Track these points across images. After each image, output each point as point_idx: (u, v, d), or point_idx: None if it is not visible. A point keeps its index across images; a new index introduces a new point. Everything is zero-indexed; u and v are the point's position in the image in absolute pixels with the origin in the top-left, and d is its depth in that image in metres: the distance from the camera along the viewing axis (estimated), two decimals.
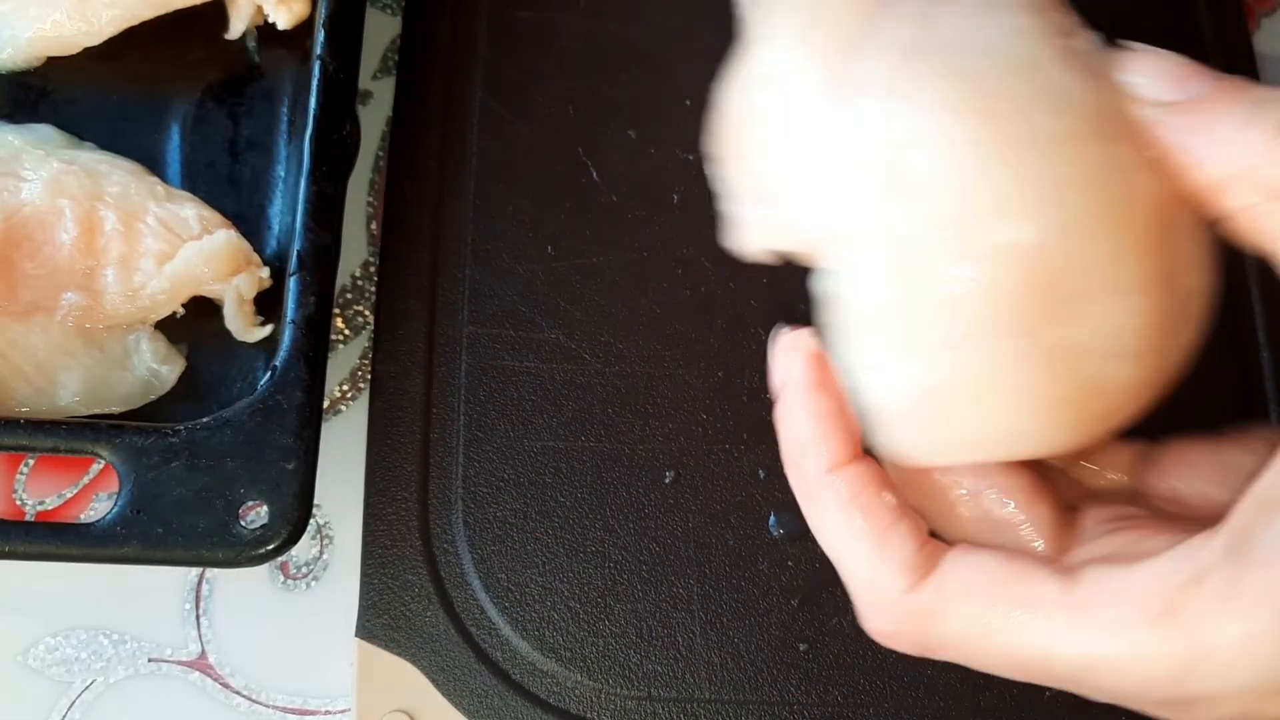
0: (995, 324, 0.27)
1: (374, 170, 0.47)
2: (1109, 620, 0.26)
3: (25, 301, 0.40)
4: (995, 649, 0.28)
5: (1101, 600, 0.26)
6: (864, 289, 0.28)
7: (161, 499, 0.36)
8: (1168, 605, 0.26)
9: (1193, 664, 0.25)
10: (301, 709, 0.41)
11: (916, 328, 0.28)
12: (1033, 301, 0.27)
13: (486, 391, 0.42)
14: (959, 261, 0.27)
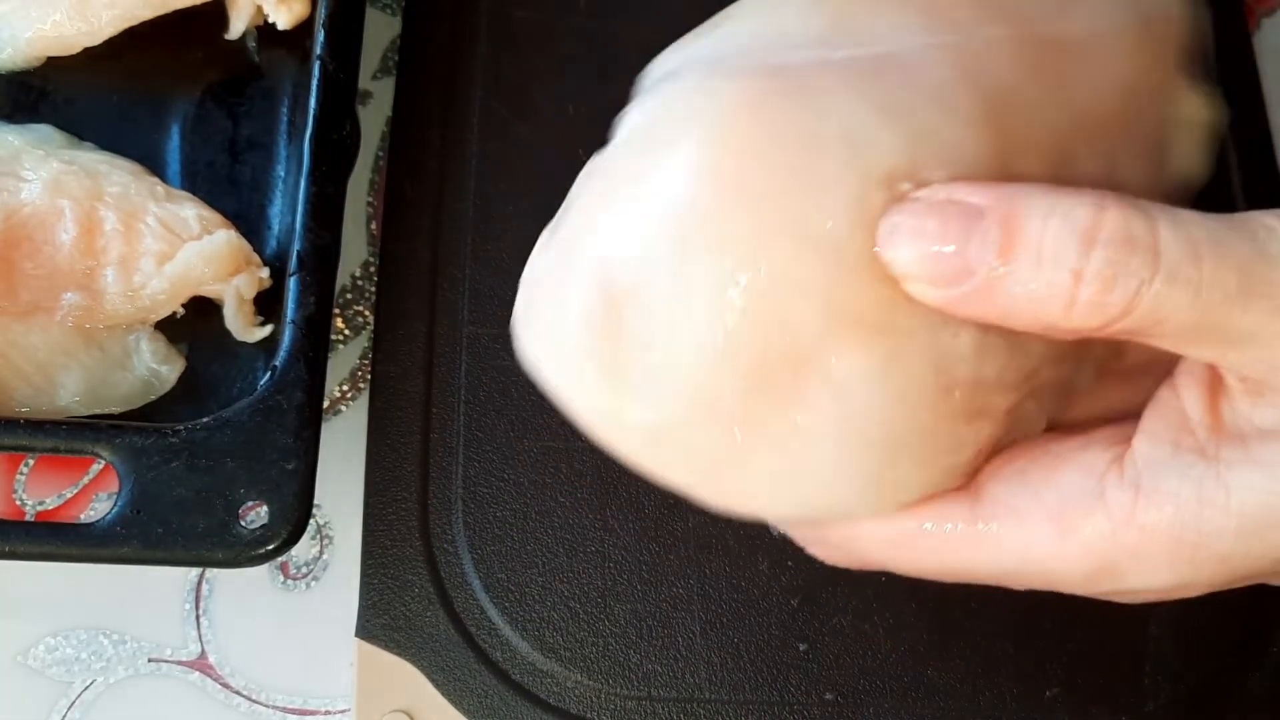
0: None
1: (374, 170, 0.47)
2: (1014, 536, 0.28)
3: (25, 302, 0.40)
4: (916, 569, 0.30)
5: (1008, 517, 0.28)
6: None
7: (161, 499, 0.36)
8: (1071, 520, 0.28)
9: (1096, 573, 0.28)
10: (301, 709, 0.41)
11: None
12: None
13: (486, 391, 0.42)
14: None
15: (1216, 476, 0.27)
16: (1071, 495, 0.28)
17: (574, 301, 0.30)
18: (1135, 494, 0.27)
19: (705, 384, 0.28)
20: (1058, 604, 0.41)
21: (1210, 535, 0.26)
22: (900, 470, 0.29)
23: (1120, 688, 0.41)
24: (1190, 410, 0.28)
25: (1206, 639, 0.41)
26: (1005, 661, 0.41)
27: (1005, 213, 0.25)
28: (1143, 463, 0.27)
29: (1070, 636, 0.41)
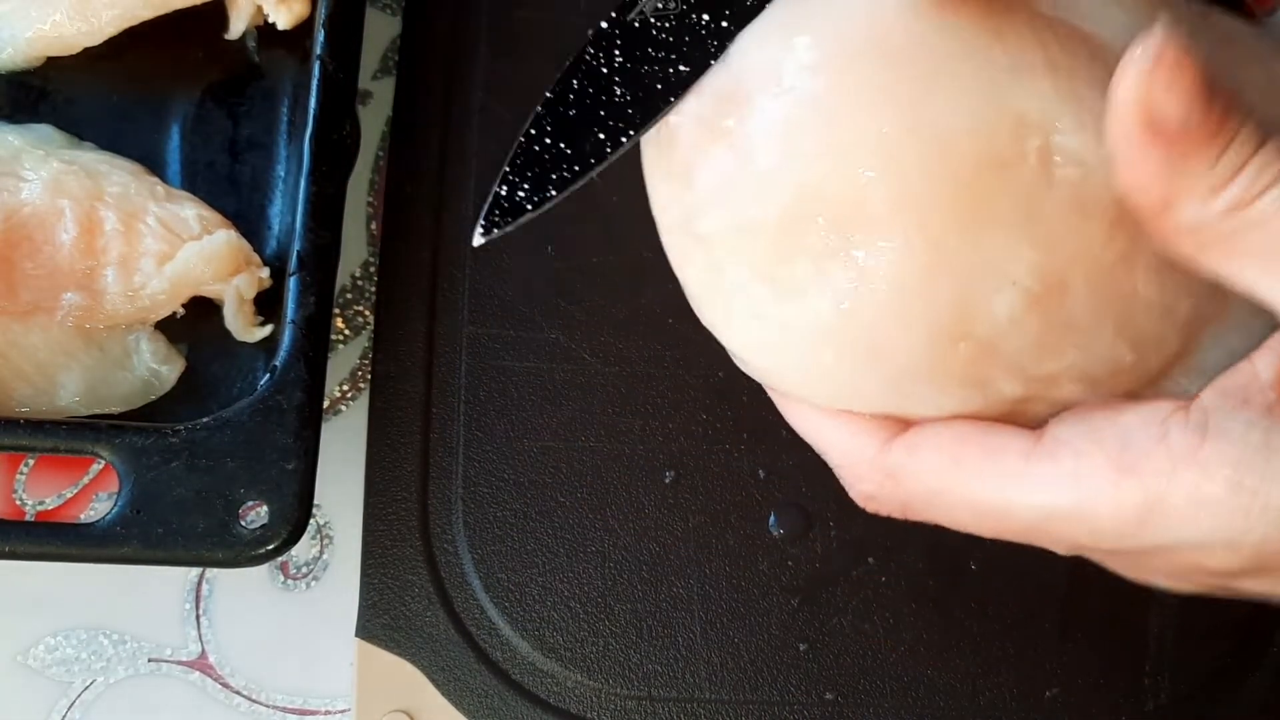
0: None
1: (374, 170, 0.47)
2: (1071, 470, 0.28)
3: (25, 302, 0.40)
4: (960, 501, 0.29)
5: (1065, 452, 0.28)
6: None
7: (161, 499, 0.36)
8: (1131, 459, 0.27)
9: (1148, 514, 0.27)
10: (301, 709, 0.41)
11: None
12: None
13: (486, 391, 0.42)
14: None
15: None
16: (1133, 437, 0.28)
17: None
18: (1201, 436, 0.27)
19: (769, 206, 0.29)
20: (1058, 604, 0.41)
21: (1272, 480, 0.26)
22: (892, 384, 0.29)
23: (1120, 688, 0.41)
24: (1263, 372, 0.27)
25: (1206, 639, 0.41)
26: (1005, 661, 0.41)
27: (1225, 104, 0.26)
28: (1210, 409, 0.27)
29: (1070, 636, 0.41)
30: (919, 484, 0.30)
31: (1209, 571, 0.28)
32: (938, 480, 0.29)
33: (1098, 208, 0.29)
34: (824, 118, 0.29)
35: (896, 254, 0.28)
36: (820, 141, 0.29)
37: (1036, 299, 0.29)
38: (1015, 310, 0.29)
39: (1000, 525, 0.29)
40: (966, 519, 0.30)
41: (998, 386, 0.29)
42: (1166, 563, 0.29)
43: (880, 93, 0.28)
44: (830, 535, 0.42)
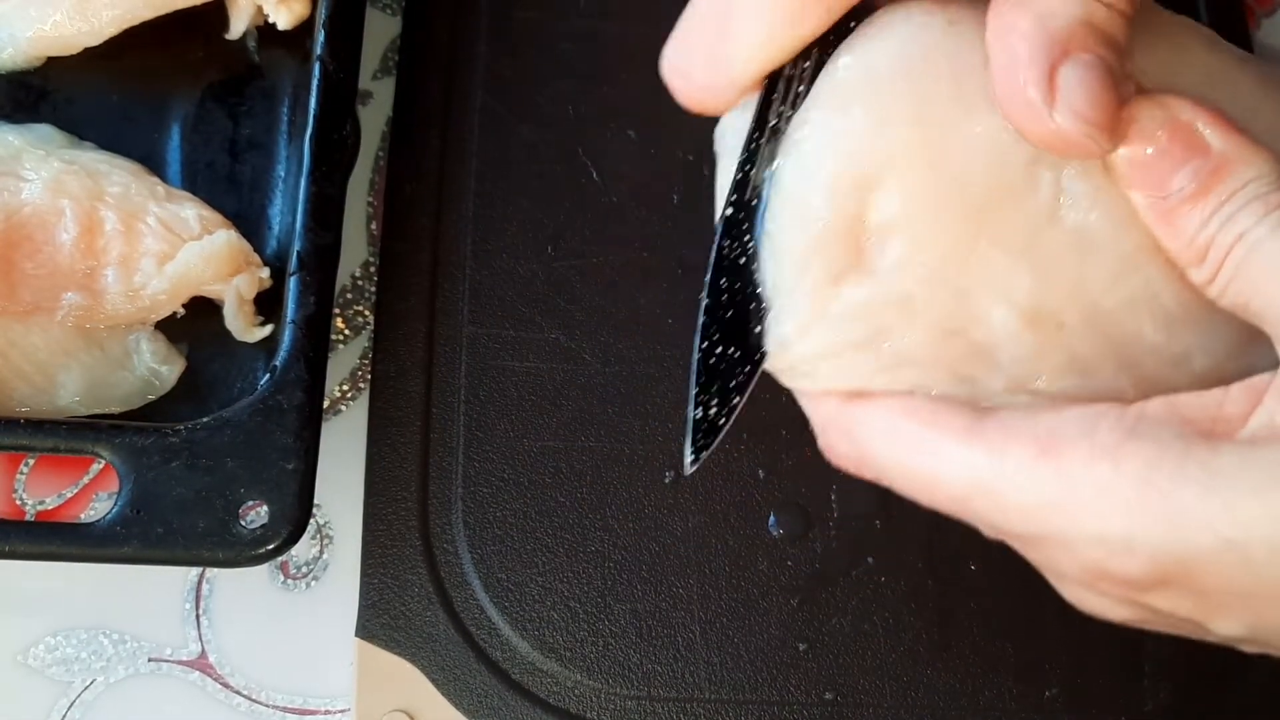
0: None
1: (374, 170, 0.47)
2: (996, 448, 0.28)
3: (26, 302, 0.40)
4: (898, 467, 0.30)
5: (1000, 433, 0.28)
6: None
7: (161, 499, 0.36)
8: (1055, 444, 0.28)
9: (1056, 500, 0.27)
10: (301, 709, 0.41)
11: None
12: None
13: (486, 391, 0.43)
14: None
15: (1209, 444, 0.27)
16: (1065, 426, 0.28)
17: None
18: (1126, 435, 0.27)
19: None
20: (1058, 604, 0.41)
21: (1176, 484, 0.26)
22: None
23: (1119, 688, 0.41)
24: (1229, 405, 0.28)
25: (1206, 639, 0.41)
26: (1005, 661, 0.41)
27: (1220, 162, 0.28)
28: (1149, 415, 0.28)
29: (1070, 636, 0.41)
30: (868, 446, 0.31)
31: (1115, 578, 0.28)
32: (883, 444, 0.30)
33: (1099, 253, 0.30)
34: (860, 128, 0.30)
35: (908, 249, 0.30)
36: (857, 147, 0.30)
37: (1032, 322, 0.30)
38: (1011, 325, 0.30)
39: (931, 495, 0.30)
40: (904, 485, 0.30)
41: (988, 387, 0.30)
42: (1074, 561, 0.29)
43: (912, 110, 0.30)
44: (830, 535, 0.42)
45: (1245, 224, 0.27)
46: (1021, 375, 0.30)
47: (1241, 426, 0.27)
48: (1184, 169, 0.28)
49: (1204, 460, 0.26)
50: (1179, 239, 0.28)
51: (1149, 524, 0.27)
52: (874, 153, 0.30)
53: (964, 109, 0.30)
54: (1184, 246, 0.28)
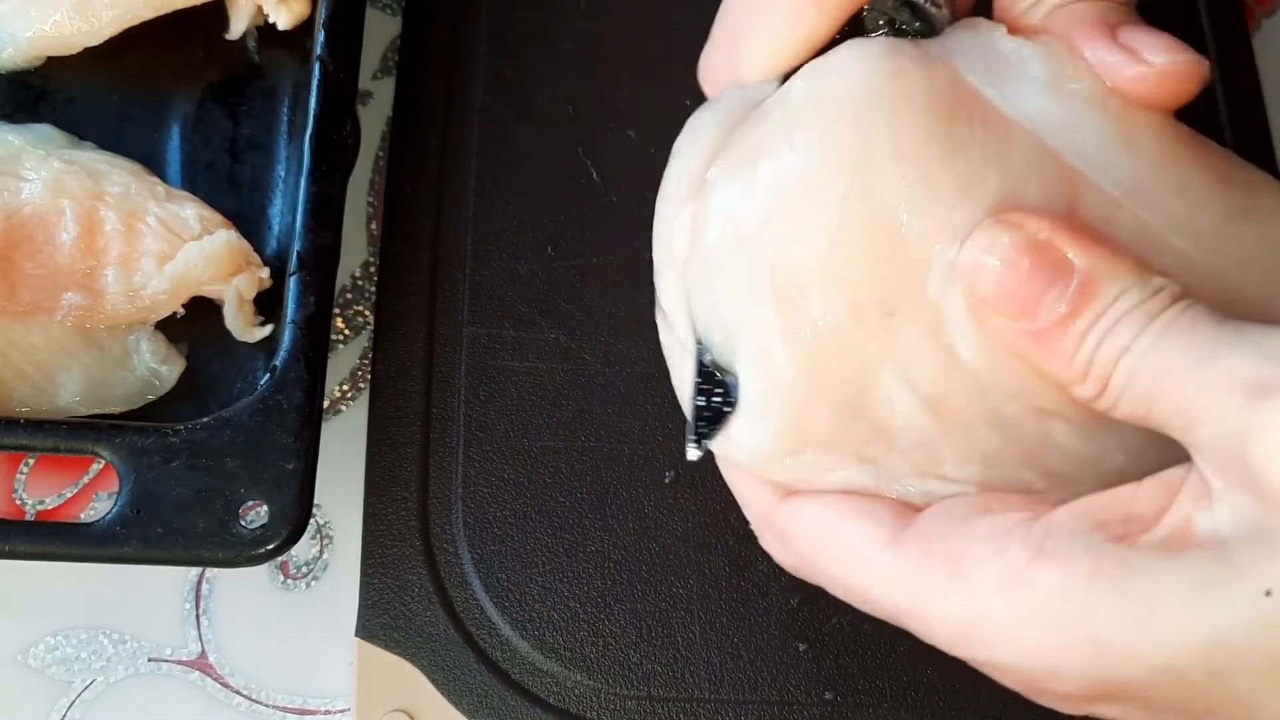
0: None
1: (374, 170, 0.47)
2: (914, 567, 0.28)
3: (26, 301, 0.40)
4: (829, 578, 0.30)
5: (918, 549, 0.28)
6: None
7: (161, 499, 0.36)
8: (965, 568, 0.27)
9: (971, 629, 0.27)
10: (301, 709, 0.41)
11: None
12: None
13: (486, 391, 0.43)
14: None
15: (1119, 557, 0.25)
16: (974, 547, 0.27)
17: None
18: (1034, 555, 0.26)
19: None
20: None
21: (1091, 610, 0.25)
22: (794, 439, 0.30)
23: None
24: (1141, 503, 0.27)
25: None
26: None
27: (1085, 279, 0.27)
28: (1055, 527, 0.27)
29: None
30: (799, 551, 0.31)
31: (1055, 694, 0.28)
32: (812, 553, 0.30)
33: (995, 363, 0.29)
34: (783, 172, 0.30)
35: (819, 323, 0.30)
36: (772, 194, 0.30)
37: (934, 409, 0.29)
38: (913, 411, 0.30)
39: (865, 607, 0.30)
40: (841, 595, 0.30)
41: (892, 469, 0.30)
42: (1012, 679, 0.28)
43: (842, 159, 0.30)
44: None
45: (1126, 337, 0.26)
46: (925, 462, 0.30)
47: (1155, 524, 0.26)
48: (1051, 292, 0.27)
49: (1118, 583, 0.25)
50: (1057, 361, 0.27)
51: (1072, 654, 0.26)
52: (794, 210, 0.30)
53: (885, 177, 0.29)
54: (1063, 368, 0.27)
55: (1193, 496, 0.26)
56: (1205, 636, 0.24)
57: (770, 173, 0.30)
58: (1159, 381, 0.26)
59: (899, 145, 0.29)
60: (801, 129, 0.30)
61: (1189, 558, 0.25)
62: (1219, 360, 0.25)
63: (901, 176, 0.29)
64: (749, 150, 0.31)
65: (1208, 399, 0.25)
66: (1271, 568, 0.24)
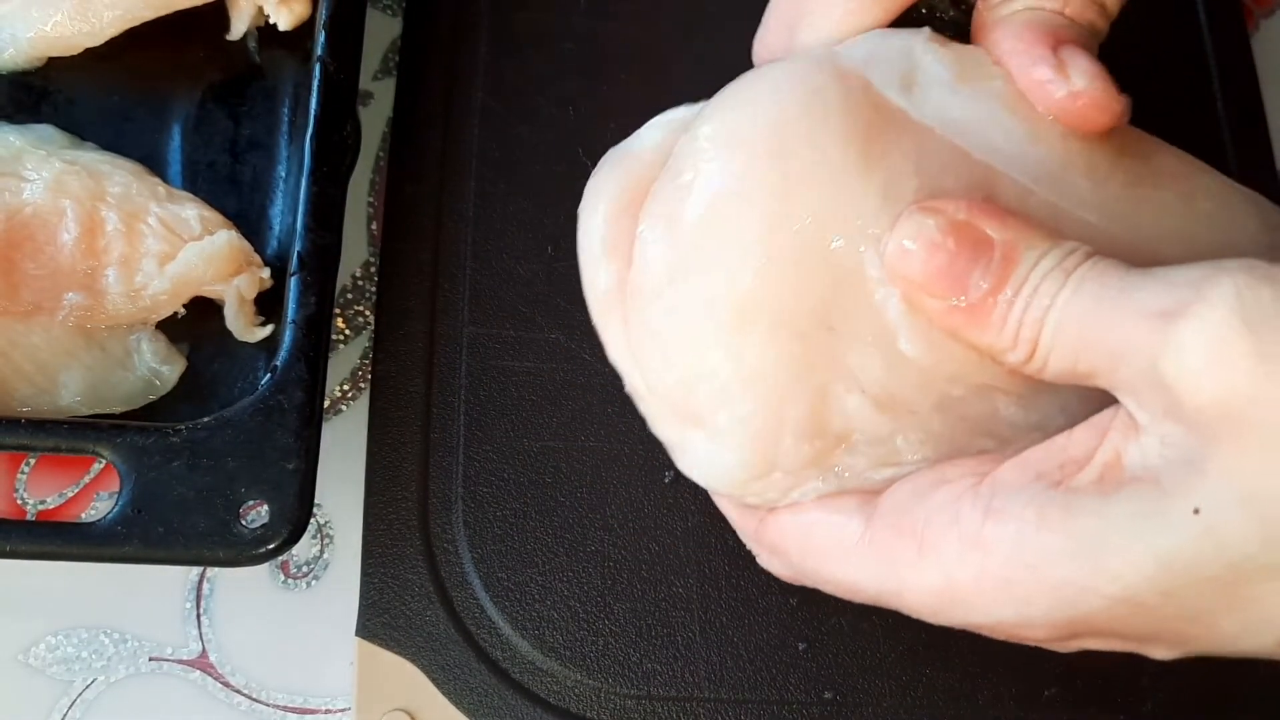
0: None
1: (374, 171, 0.47)
2: (885, 553, 0.30)
3: (27, 302, 0.40)
4: (821, 579, 0.32)
5: (886, 534, 0.30)
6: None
7: (162, 498, 0.36)
8: (930, 540, 0.28)
9: (946, 595, 0.28)
10: (302, 708, 0.41)
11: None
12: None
13: (487, 391, 0.43)
14: None
15: (1060, 502, 0.27)
16: (933, 515, 0.29)
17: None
18: (984, 515, 0.28)
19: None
20: None
21: (1044, 557, 0.27)
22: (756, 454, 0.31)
23: (1118, 688, 0.41)
24: (1074, 447, 0.28)
25: None
26: (1004, 661, 0.41)
27: (1005, 252, 0.28)
28: (1000, 486, 0.28)
29: None
30: (790, 563, 0.32)
31: (1034, 639, 0.29)
32: (800, 561, 0.32)
33: (935, 351, 0.30)
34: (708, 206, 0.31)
35: (766, 353, 0.31)
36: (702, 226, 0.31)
37: (884, 406, 0.31)
38: (867, 413, 0.31)
39: (858, 599, 0.31)
40: (835, 593, 0.32)
41: (854, 468, 0.31)
42: (994, 633, 0.29)
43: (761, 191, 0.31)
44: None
45: (1048, 295, 0.28)
46: (883, 454, 0.31)
47: (1087, 464, 0.27)
48: (976, 268, 0.29)
49: (1063, 526, 0.27)
50: (989, 332, 0.29)
51: (1036, 602, 0.27)
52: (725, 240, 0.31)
53: (813, 195, 0.30)
54: (995, 338, 0.29)
55: (1121, 432, 0.27)
56: (1151, 562, 0.26)
57: (692, 217, 0.31)
58: (1081, 332, 0.27)
59: (816, 166, 0.30)
60: (717, 171, 0.31)
61: (1124, 492, 0.26)
62: (1129, 298, 0.27)
63: (821, 196, 0.30)
64: (668, 198, 0.32)
65: (1123, 335, 0.26)
66: (1198, 487, 0.25)
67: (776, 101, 0.31)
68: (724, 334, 0.31)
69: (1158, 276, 0.27)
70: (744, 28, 0.47)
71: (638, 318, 0.33)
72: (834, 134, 0.30)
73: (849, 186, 0.30)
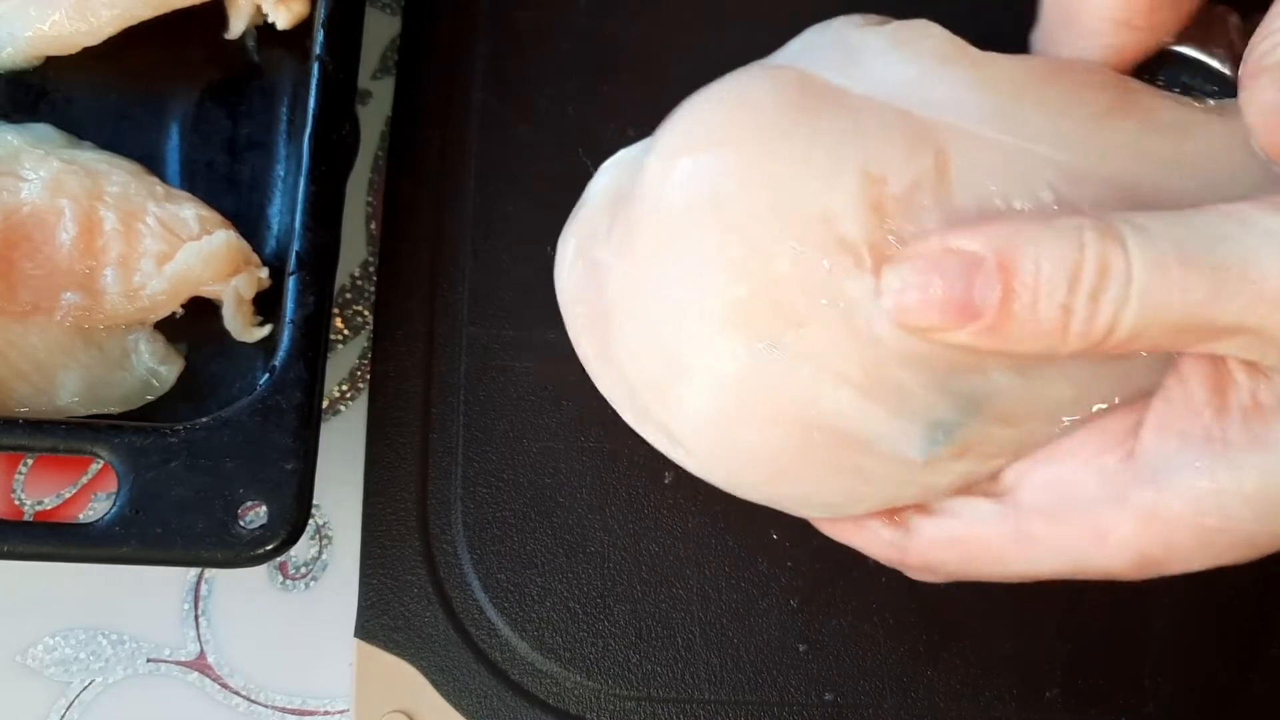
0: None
1: (373, 170, 0.47)
2: (1061, 547, 0.30)
3: (24, 302, 0.40)
4: (991, 574, 0.32)
5: (1049, 530, 0.30)
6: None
7: (160, 499, 0.35)
8: (1105, 529, 0.29)
9: (1138, 568, 0.30)
10: (300, 709, 0.41)
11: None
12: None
13: (486, 391, 0.42)
14: None
15: (1228, 462, 0.28)
16: (1098, 501, 0.29)
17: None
18: (1155, 492, 0.28)
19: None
20: (1058, 604, 0.41)
21: (1232, 520, 0.28)
22: (781, 487, 0.33)
23: (1119, 688, 0.41)
24: (1195, 394, 0.29)
25: (1206, 640, 0.41)
26: (1005, 661, 0.41)
27: (1000, 257, 0.28)
28: (1155, 457, 0.29)
29: (1070, 637, 0.41)
30: (951, 570, 0.33)
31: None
32: (964, 568, 0.32)
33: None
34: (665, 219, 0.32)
35: (746, 366, 0.31)
36: (662, 234, 0.32)
37: (872, 395, 0.30)
38: (856, 404, 0.31)
39: (1030, 579, 0.32)
40: (1000, 579, 0.32)
41: (872, 469, 0.32)
42: (1182, 572, 0.30)
43: (704, 200, 0.31)
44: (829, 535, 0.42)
45: (1117, 292, 0.27)
46: (896, 445, 0.31)
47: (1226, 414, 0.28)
48: (976, 285, 0.28)
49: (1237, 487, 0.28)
50: (1027, 338, 0.28)
51: (1229, 553, 0.29)
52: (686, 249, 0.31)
53: (775, 198, 0.30)
54: (1033, 340, 0.28)
55: (1246, 377, 0.28)
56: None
57: (648, 245, 0.32)
58: (1152, 303, 0.27)
59: (755, 160, 0.30)
60: (664, 188, 0.31)
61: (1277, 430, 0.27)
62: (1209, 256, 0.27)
63: (764, 197, 0.30)
64: (625, 229, 0.32)
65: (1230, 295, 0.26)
66: None
67: (711, 110, 0.31)
68: (699, 352, 0.31)
69: (1197, 225, 0.27)
70: (744, 27, 0.47)
71: (617, 356, 0.33)
72: (766, 126, 0.30)
73: (790, 174, 0.30)
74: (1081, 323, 0.27)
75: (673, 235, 0.31)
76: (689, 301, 0.31)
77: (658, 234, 0.32)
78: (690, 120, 0.32)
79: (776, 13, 0.47)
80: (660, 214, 0.32)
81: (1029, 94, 0.31)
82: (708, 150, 0.31)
